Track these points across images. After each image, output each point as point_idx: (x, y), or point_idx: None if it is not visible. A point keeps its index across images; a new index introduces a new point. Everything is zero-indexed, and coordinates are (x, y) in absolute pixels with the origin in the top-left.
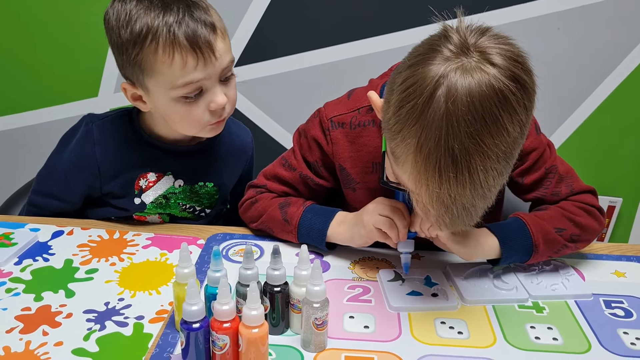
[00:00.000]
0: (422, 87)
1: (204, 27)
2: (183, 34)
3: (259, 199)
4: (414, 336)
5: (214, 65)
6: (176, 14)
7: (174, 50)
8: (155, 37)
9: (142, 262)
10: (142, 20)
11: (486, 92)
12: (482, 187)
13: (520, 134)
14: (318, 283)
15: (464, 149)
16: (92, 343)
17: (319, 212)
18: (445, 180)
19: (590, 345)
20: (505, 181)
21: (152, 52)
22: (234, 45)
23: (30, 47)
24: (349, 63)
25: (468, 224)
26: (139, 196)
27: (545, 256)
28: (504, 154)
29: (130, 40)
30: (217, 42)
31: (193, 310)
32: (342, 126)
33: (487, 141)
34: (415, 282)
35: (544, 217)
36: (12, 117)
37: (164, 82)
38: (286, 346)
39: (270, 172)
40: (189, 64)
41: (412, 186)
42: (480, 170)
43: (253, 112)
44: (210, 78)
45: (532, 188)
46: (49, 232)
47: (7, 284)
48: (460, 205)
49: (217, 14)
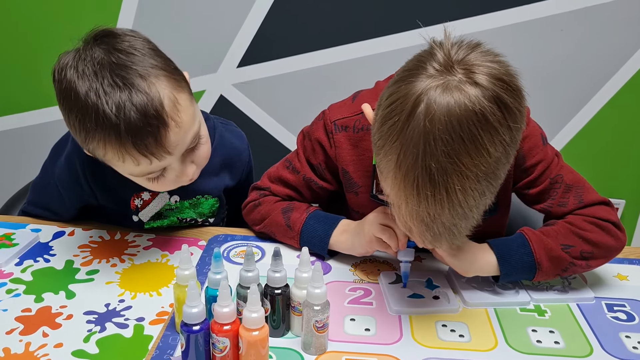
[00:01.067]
0: (404, 104)
1: (149, 125)
2: (127, 137)
3: (263, 202)
4: (415, 339)
5: (171, 157)
6: (117, 105)
7: (123, 154)
8: (99, 133)
9: (143, 264)
10: (82, 102)
11: (465, 112)
12: (462, 207)
13: (504, 154)
14: (319, 285)
15: (441, 168)
16: (92, 345)
17: (322, 219)
18: (424, 199)
19: (592, 349)
20: (491, 201)
21: (100, 147)
22: (238, 45)
23: (29, 48)
24: (353, 64)
25: (452, 241)
26: (136, 214)
27: (553, 274)
28: (484, 174)
29: (76, 127)
30: (168, 138)
31: (193, 312)
32: (345, 129)
33: (466, 161)
34: (417, 284)
35: (549, 233)
36: (12, 117)
37: (122, 170)
38: (287, 349)
39: (274, 175)
40: (142, 163)
41: (394, 202)
42: (459, 190)
43: (255, 113)
44: (172, 162)
45: (539, 199)
46: (50, 233)
47: (7, 284)
48: (440, 224)
49: (167, 84)
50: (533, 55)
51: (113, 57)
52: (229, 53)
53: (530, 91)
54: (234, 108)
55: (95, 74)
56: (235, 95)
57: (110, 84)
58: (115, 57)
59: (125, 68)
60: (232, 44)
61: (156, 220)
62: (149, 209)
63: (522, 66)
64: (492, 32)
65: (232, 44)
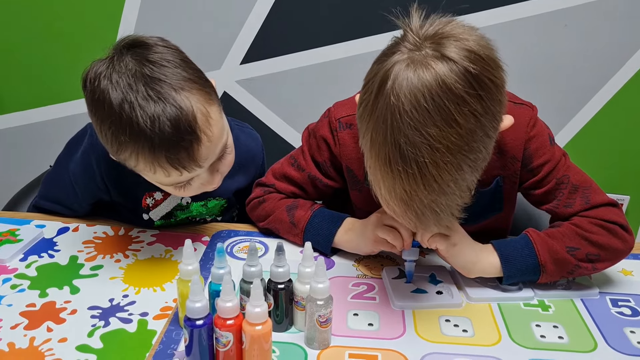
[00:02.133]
0: (374, 83)
1: (182, 140)
2: (161, 151)
3: (267, 198)
4: (419, 334)
5: (200, 169)
6: (152, 118)
7: (154, 166)
8: (132, 144)
9: (146, 259)
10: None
11: (429, 84)
12: (437, 182)
13: (478, 125)
14: (322, 280)
15: (409, 142)
16: (96, 339)
17: (326, 217)
18: (397, 175)
19: (597, 344)
20: (476, 178)
21: (132, 157)
22: (241, 42)
23: (36, 46)
24: (356, 60)
25: (438, 222)
26: (146, 212)
27: (558, 276)
28: (457, 147)
29: (108, 137)
30: (200, 152)
31: (196, 307)
32: (349, 127)
33: (433, 133)
34: (420, 279)
35: (554, 235)
36: (18, 114)
37: (150, 179)
38: (290, 343)
39: (279, 171)
40: (172, 175)
41: (373, 183)
42: (430, 164)
43: (259, 110)
44: (200, 173)
45: (545, 200)
46: (54, 229)
47: (12, 280)
48: (419, 201)
49: (200, 97)
50: (537, 51)
51: (146, 70)
52: (232, 50)
53: (534, 86)
54: (238, 105)
55: (129, 85)
56: (238, 92)
57: (144, 96)
58: (149, 70)
59: (159, 81)
60: (235, 41)
61: (166, 220)
62: (160, 208)
63: (526, 62)
64: (496, 27)
65: (235, 41)
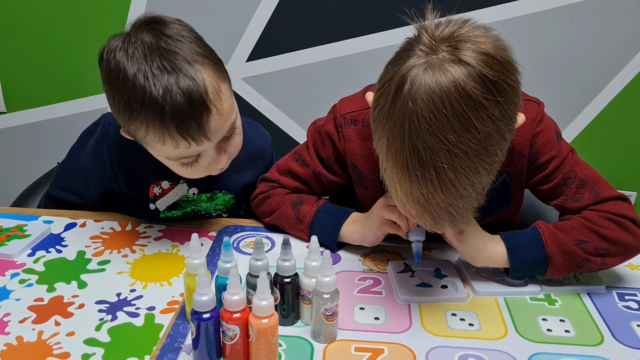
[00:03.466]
0: (390, 87)
1: (193, 109)
2: (171, 119)
3: (272, 194)
4: (425, 328)
5: (209, 143)
6: (164, 88)
7: (163, 135)
8: (143, 114)
9: (153, 254)
10: (129, 84)
11: (447, 89)
12: (454, 186)
13: (495, 129)
14: (328, 274)
15: (427, 147)
16: (104, 333)
17: (332, 212)
18: (415, 180)
19: (603, 337)
20: (492, 179)
21: (142, 128)
22: (247, 39)
23: (44, 44)
24: (362, 57)
25: (453, 223)
26: (153, 202)
27: (566, 270)
28: (474, 152)
29: (119, 103)
30: (210, 123)
31: (203, 300)
32: (354, 123)
33: (452, 138)
34: (425, 274)
35: (563, 227)
36: (26, 112)
37: (158, 153)
38: (296, 337)
39: (284, 167)
40: (181, 146)
41: (390, 185)
42: (448, 169)
43: (265, 107)
44: (208, 149)
45: (553, 196)
46: (62, 224)
47: (20, 275)
48: (436, 205)
49: (212, 73)
50: (544, 47)
51: (162, 42)
52: (238, 47)
53: (541, 82)
54: (244, 102)
55: (144, 57)
56: (244, 89)
57: (158, 67)
58: (165, 43)
59: (174, 53)
60: (241, 38)
61: (172, 210)
62: (166, 198)
63: (532, 58)
64: (503, 23)
65: (241, 38)
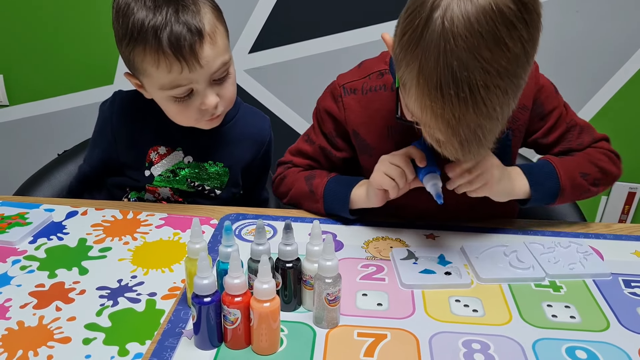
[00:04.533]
0: (421, 11)
1: (188, 33)
2: (167, 41)
3: (287, 174)
4: (428, 314)
5: (200, 71)
6: (164, 17)
7: (159, 56)
8: (143, 40)
9: (155, 241)
10: (134, 18)
11: (482, 8)
12: (485, 105)
13: (523, 52)
14: (330, 258)
15: (462, 65)
16: (105, 318)
17: (342, 181)
18: (448, 99)
19: (609, 323)
20: (514, 106)
21: (141, 53)
22: (248, 31)
23: (46, 38)
24: (365, 48)
25: (479, 150)
26: (148, 168)
27: (569, 200)
28: (505, 71)
29: (124, 37)
30: (203, 49)
31: (204, 284)
32: (354, 92)
33: (486, 56)
34: (429, 260)
35: (572, 161)
36: (28, 105)
37: (154, 82)
38: (298, 322)
39: (295, 148)
40: (174, 70)
41: (419, 112)
42: (481, 87)
43: (267, 99)
44: (199, 82)
45: (558, 142)
46: (63, 213)
47: (21, 261)
48: (466, 126)
49: (211, 14)
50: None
51: None
52: (241, 39)
53: (546, 73)
54: (246, 94)
55: None
56: (247, 81)
57: None
58: None
59: None
60: (243, 30)
61: (166, 178)
62: (161, 164)
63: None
64: None
65: (243, 30)
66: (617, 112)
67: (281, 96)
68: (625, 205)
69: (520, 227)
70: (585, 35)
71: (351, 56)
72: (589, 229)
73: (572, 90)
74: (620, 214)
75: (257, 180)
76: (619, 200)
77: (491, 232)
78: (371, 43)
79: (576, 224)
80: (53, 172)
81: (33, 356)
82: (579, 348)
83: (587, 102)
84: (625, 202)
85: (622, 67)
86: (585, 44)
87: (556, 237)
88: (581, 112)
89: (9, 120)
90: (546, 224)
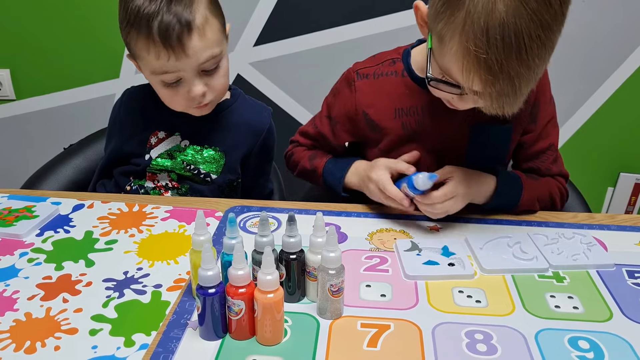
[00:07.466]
0: None
1: (177, 23)
2: (157, 29)
3: (294, 152)
4: (432, 305)
5: (186, 61)
6: (157, 6)
7: (149, 43)
8: (137, 26)
9: (160, 234)
10: (133, 4)
11: None
12: (527, 54)
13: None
14: (333, 249)
15: (510, 11)
16: (111, 310)
17: (338, 162)
18: (493, 43)
19: (612, 313)
20: (544, 68)
21: (134, 38)
22: (253, 24)
23: (52, 33)
24: (371, 40)
25: (513, 103)
26: (148, 152)
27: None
28: (547, 24)
29: (123, 20)
30: (190, 40)
31: (208, 275)
32: (366, 77)
33: (532, 5)
34: (432, 252)
35: (537, 186)
36: (35, 99)
37: (147, 66)
38: (302, 313)
39: (303, 129)
40: (161, 57)
41: (459, 62)
42: (526, 35)
43: (272, 91)
44: (186, 70)
45: (534, 158)
46: (69, 206)
47: (28, 254)
48: (506, 74)
49: (206, 8)
50: None
51: None
52: (246, 32)
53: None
54: (251, 87)
55: None
56: (252, 74)
57: None
58: None
59: None
60: (248, 23)
61: (163, 160)
62: (160, 146)
63: None
64: None
65: (248, 23)
66: (625, 101)
67: (286, 89)
68: (632, 197)
69: (524, 218)
70: (592, 25)
71: (356, 48)
72: (592, 220)
73: (579, 81)
74: (627, 205)
75: (260, 170)
76: (625, 192)
77: (495, 223)
78: (376, 35)
79: (580, 215)
80: (59, 166)
81: (40, 347)
82: (581, 338)
83: (593, 93)
84: (632, 194)
85: (629, 57)
86: (592, 34)
87: (560, 228)
88: (587, 103)
89: (16, 114)
90: (550, 215)
